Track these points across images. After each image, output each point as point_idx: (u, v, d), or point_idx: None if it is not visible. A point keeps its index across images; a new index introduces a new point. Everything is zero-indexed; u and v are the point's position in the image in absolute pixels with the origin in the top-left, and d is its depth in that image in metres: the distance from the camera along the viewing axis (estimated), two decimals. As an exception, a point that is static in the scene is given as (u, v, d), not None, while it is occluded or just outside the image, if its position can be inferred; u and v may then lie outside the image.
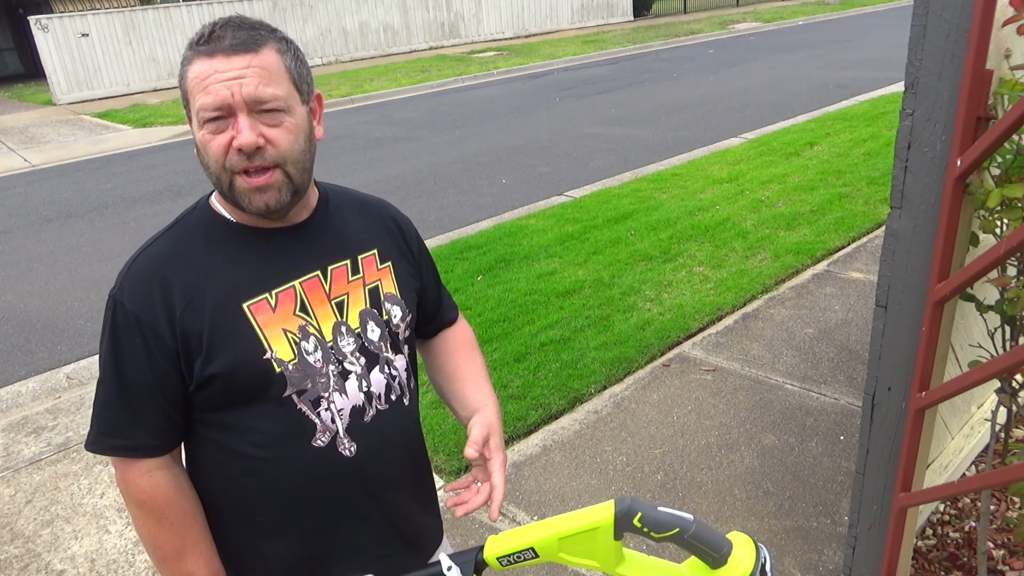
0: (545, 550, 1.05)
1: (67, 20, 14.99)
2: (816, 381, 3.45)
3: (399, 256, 1.29)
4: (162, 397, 1.10)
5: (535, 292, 4.59)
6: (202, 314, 1.08)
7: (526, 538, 1.06)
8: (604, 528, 1.02)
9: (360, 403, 1.17)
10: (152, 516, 1.12)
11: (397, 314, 1.24)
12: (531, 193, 6.94)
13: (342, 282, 1.18)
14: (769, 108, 9.64)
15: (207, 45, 1.02)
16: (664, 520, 0.99)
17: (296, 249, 1.15)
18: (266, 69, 1.03)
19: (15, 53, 23.22)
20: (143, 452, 1.11)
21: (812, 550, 2.47)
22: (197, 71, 1.02)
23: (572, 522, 1.04)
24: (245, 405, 1.11)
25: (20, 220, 7.39)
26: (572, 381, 3.60)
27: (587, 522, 1.02)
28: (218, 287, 1.09)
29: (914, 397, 1.65)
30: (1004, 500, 2.56)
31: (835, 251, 4.92)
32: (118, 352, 1.09)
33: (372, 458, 1.19)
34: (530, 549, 1.06)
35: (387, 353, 1.22)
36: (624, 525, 1.01)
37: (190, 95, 1.04)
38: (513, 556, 1.07)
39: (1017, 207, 1.52)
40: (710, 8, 25.45)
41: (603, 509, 1.02)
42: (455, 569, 1.10)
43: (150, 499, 1.11)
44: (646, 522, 1.00)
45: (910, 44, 1.49)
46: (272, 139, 1.04)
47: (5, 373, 4.28)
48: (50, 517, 2.96)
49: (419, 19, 19.83)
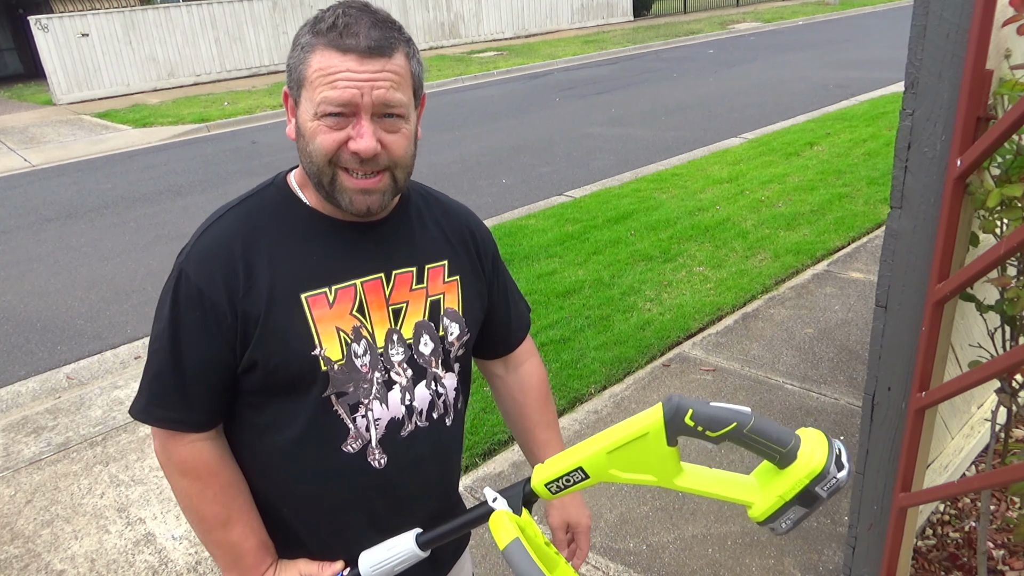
0: (594, 468, 0.97)
1: (67, 20, 14.99)
2: (816, 381, 3.45)
3: (470, 271, 1.24)
4: (214, 375, 1.07)
5: (535, 292, 4.59)
6: (261, 298, 1.05)
7: (573, 458, 0.98)
8: (655, 433, 0.92)
9: (400, 416, 1.14)
10: (196, 484, 1.10)
11: (455, 331, 1.20)
12: (531, 193, 6.94)
13: (404, 289, 1.15)
14: (769, 108, 9.64)
15: (340, 39, 0.98)
16: (719, 415, 0.89)
17: (365, 247, 1.12)
18: (397, 75, 1.02)
19: (15, 53, 23.20)
20: (190, 426, 1.09)
21: (812, 550, 2.47)
22: (325, 63, 0.99)
23: (620, 432, 0.95)
24: (284, 397, 1.09)
25: (20, 220, 7.38)
26: (572, 381, 3.60)
27: (636, 429, 0.93)
28: (282, 273, 1.07)
29: (914, 397, 1.65)
30: (1004, 500, 2.56)
31: (835, 251, 4.93)
32: (177, 323, 1.06)
33: (401, 474, 1.15)
34: (578, 469, 0.98)
35: (436, 369, 1.18)
36: (676, 427, 0.91)
37: (308, 82, 1.01)
38: (562, 480, 0.99)
39: (1017, 207, 1.52)
40: (710, 8, 25.44)
41: (651, 413, 0.93)
42: (500, 500, 1.04)
43: (193, 468, 1.09)
44: (699, 419, 0.90)
45: (910, 44, 1.49)
46: (388, 144, 1.03)
47: (5, 373, 4.28)
48: (50, 517, 2.96)
49: (419, 19, 19.82)
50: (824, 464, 0.89)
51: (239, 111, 12.30)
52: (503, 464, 3.06)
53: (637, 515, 2.71)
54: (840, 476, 0.90)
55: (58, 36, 14.86)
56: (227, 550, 1.13)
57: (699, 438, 0.91)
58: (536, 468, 1.03)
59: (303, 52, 1.02)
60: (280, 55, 17.78)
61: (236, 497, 1.12)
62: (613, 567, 2.47)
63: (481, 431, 3.25)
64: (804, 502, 0.91)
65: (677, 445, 0.94)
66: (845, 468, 0.90)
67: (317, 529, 1.17)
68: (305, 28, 1.03)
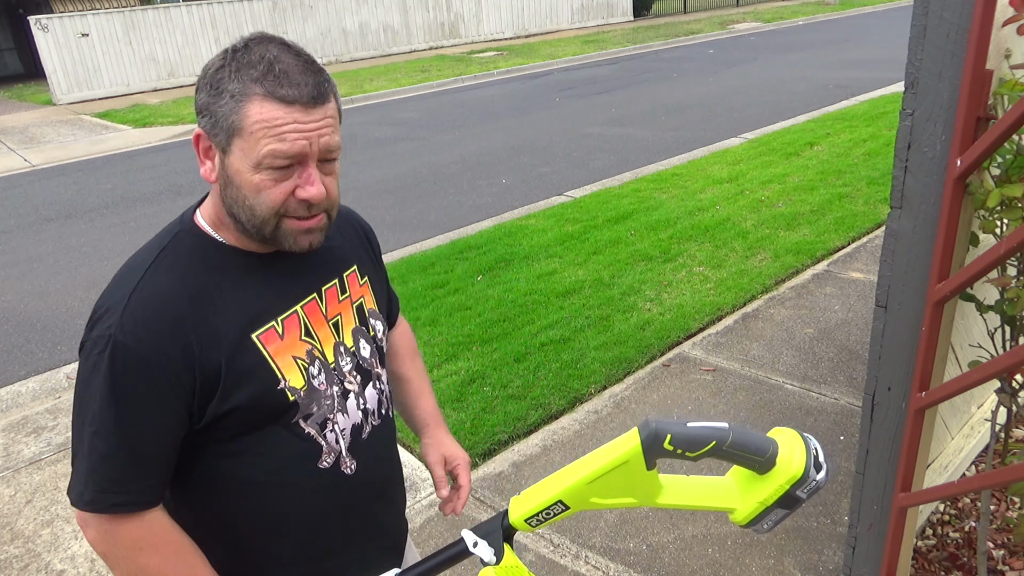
0: (575, 499, 0.97)
1: (67, 20, 14.99)
2: (816, 381, 3.45)
3: (372, 268, 1.30)
4: (171, 443, 1.04)
5: (535, 292, 4.59)
6: (219, 349, 1.03)
7: (552, 491, 0.98)
8: (634, 460, 0.92)
9: (359, 421, 1.18)
10: (155, 559, 1.04)
11: (379, 328, 1.26)
12: (531, 193, 6.94)
13: (334, 302, 1.18)
14: (769, 108, 9.64)
15: (279, 88, 0.96)
16: (697, 436, 0.90)
17: (293, 273, 1.13)
18: (334, 119, 1.02)
19: (15, 53, 23.21)
20: (145, 504, 1.03)
21: (812, 550, 2.47)
22: (268, 115, 0.96)
23: (599, 461, 0.94)
24: (257, 433, 1.08)
25: (20, 220, 7.39)
26: (572, 381, 3.60)
27: (614, 458, 0.93)
28: (229, 319, 1.05)
29: (914, 397, 1.65)
30: (1004, 500, 2.56)
31: (835, 251, 4.93)
32: (120, 397, 0.99)
33: (369, 473, 1.20)
34: (558, 503, 0.98)
35: (376, 368, 1.24)
36: (654, 452, 0.91)
37: (247, 133, 0.97)
38: (542, 514, 0.99)
39: (1017, 207, 1.52)
40: (710, 8, 25.44)
41: (628, 440, 0.93)
42: (482, 544, 1.03)
43: (150, 544, 1.04)
44: (678, 443, 0.90)
45: (910, 44, 1.49)
46: (328, 187, 1.04)
47: (5, 373, 4.28)
48: (50, 517, 2.96)
49: (419, 19, 19.83)
50: (804, 469, 0.91)
51: (239, 111, 12.29)
52: (503, 464, 3.06)
53: (637, 515, 2.71)
54: (819, 478, 0.92)
55: (58, 36, 14.86)
56: None
57: (679, 459, 0.92)
58: (513, 502, 1.02)
59: (235, 101, 0.97)
60: (280, 55, 17.78)
61: (195, 556, 1.08)
62: (613, 567, 2.48)
63: (481, 431, 3.25)
64: (785, 505, 0.94)
65: (656, 467, 0.94)
66: (824, 468, 0.92)
67: (307, 551, 1.18)
68: (226, 72, 0.98)
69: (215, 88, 0.99)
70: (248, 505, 1.12)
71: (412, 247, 5.72)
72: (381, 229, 6.24)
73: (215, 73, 0.99)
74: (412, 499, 2.89)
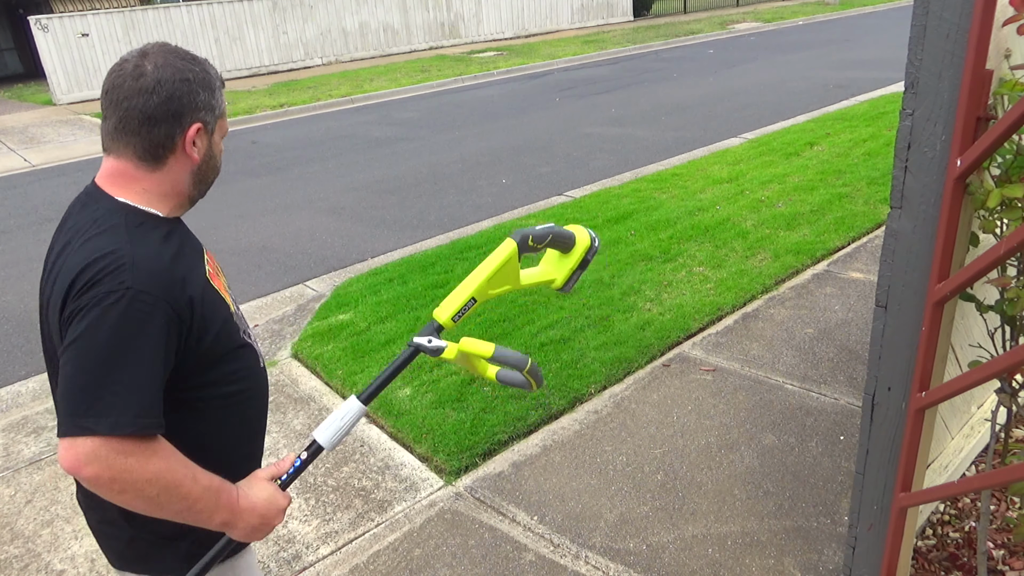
0: (480, 293, 1.40)
1: (67, 20, 14.99)
2: (816, 381, 3.45)
3: None
4: (167, 372, 1.22)
5: (535, 292, 4.59)
6: (199, 294, 1.26)
7: (465, 293, 1.39)
8: (512, 257, 1.41)
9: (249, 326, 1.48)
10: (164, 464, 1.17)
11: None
12: (531, 193, 6.94)
13: None
14: (769, 108, 9.64)
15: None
16: (543, 233, 1.45)
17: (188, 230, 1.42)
18: None
19: (15, 53, 23.21)
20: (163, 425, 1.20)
21: (812, 550, 2.47)
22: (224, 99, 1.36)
23: (491, 264, 1.40)
24: (226, 353, 1.33)
25: (20, 220, 7.39)
26: (572, 381, 3.60)
27: (501, 259, 1.40)
28: (195, 269, 1.29)
29: (914, 397, 1.66)
30: (1004, 500, 2.56)
31: (835, 251, 4.93)
32: (143, 335, 1.16)
33: (263, 365, 1.48)
34: (472, 299, 1.39)
35: None
36: (524, 248, 1.42)
37: (223, 113, 1.34)
38: (460, 310, 1.39)
39: (1017, 207, 1.52)
40: (710, 8, 25.44)
41: (507, 246, 1.41)
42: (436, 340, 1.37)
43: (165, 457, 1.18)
44: (535, 239, 1.43)
45: (910, 44, 1.49)
46: None
47: (5, 373, 4.28)
48: (50, 517, 2.96)
49: (419, 19, 19.82)
50: (590, 241, 1.52)
51: (239, 111, 12.30)
52: (503, 464, 3.06)
53: (637, 515, 2.71)
54: (596, 245, 1.53)
55: (58, 36, 14.86)
56: (207, 496, 1.23)
57: (532, 252, 1.44)
58: (436, 310, 1.39)
59: (220, 93, 1.32)
60: (280, 55, 17.79)
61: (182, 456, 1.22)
62: (613, 567, 2.48)
63: (481, 431, 3.25)
64: (582, 267, 1.53)
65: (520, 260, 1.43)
66: (596, 239, 1.53)
67: (261, 440, 1.48)
68: (205, 72, 1.29)
69: (208, 87, 1.29)
70: (229, 416, 1.36)
71: (412, 247, 5.73)
72: (381, 229, 6.25)
73: (203, 77, 1.28)
74: (412, 499, 2.89)
